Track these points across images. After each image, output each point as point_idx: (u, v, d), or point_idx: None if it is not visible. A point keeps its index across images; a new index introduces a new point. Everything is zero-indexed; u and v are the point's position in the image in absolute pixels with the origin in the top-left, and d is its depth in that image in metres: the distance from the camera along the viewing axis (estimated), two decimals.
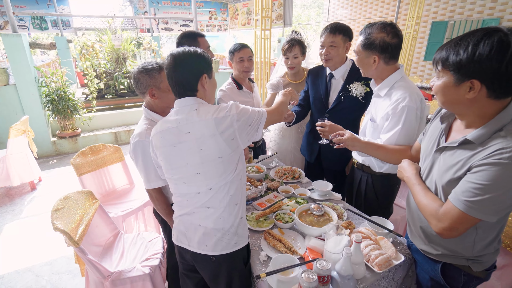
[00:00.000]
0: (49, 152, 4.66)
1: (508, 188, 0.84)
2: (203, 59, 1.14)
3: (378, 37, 1.39)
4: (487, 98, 0.88)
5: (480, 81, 0.85)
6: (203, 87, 1.15)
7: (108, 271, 1.59)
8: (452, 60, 0.88)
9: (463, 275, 1.10)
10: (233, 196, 1.16)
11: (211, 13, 14.05)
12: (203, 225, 1.17)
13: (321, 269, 1.08)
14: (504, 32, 0.81)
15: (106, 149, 2.45)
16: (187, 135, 1.09)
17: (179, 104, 1.15)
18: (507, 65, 0.80)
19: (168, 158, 1.15)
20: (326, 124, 1.55)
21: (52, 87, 4.45)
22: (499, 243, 1.08)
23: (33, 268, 2.31)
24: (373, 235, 1.35)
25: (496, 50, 0.80)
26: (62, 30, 8.67)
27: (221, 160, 1.10)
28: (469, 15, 7.22)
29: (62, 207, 1.56)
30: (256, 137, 1.18)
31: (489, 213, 0.88)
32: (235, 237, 1.19)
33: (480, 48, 0.83)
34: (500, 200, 0.85)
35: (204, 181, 1.12)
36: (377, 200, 1.65)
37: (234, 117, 1.08)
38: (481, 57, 0.82)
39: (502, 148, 0.84)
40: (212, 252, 1.18)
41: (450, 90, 0.93)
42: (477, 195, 0.87)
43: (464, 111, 0.96)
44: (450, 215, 0.93)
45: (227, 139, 1.08)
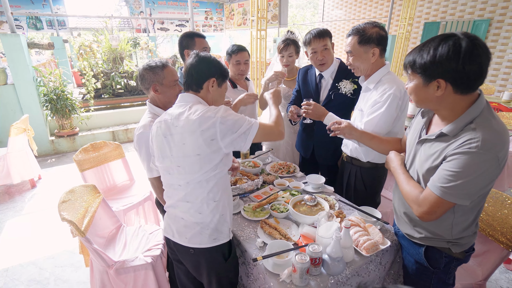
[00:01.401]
0: (48, 151, 4.71)
1: (477, 174, 0.94)
2: (220, 68, 1.25)
3: (373, 31, 1.52)
4: (455, 94, 0.99)
5: (444, 79, 0.96)
6: (208, 89, 1.23)
7: (112, 260, 1.67)
8: (418, 63, 1.00)
9: (444, 256, 1.20)
10: (211, 192, 1.21)
11: (206, 13, 14.10)
12: (184, 218, 1.25)
13: (313, 251, 1.18)
14: (458, 37, 0.93)
15: (107, 146, 2.52)
16: (175, 129, 1.17)
17: (181, 98, 1.24)
18: (463, 64, 0.91)
19: (159, 147, 1.23)
20: (311, 103, 1.66)
21: (50, 86, 4.49)
22: (476, 227, 1.18)
23: (36, 262, 2.37)
24: (362, 223, 1.46)
25: (452, 52, 0.91)
26: (58, 30, 8.66)
27: (199, 158, 1.14)
28: (460, 16, 7.40)
29: (68, 199, 1.64)
30: (243, 147, 1.18)
31: (462, 197, 0.98)
32: (215, 233, 1.25)
33: (439, 51, 0.94)
34: (470, 185, 0.96)
35: (184, 174, 1.19)
36: (366, 191, 1.76)
37: (218, 119, 1.11)
38: (441, 58, 0.93)
39: (471, 139, 0.94)
40: (191, 244, 1.24)
41: (421, 90, 1.04)
42: (451, 181, 0.97)
43: (436, 107, 1.06)
44: (428, 200, 1.04)
45: (207, 139, 1.12)
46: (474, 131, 0.95)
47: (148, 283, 1.72)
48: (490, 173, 0.95)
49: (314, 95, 2.02)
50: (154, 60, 1.48)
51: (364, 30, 1.53)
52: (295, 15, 20.35)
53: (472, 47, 0.91)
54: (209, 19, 14.24)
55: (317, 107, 1.66)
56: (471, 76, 0.93)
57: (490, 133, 0.94)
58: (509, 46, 6.62)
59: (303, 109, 1.70)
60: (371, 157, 1.71)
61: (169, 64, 1.56)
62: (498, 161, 0.93)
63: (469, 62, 0.91)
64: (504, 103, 4.38)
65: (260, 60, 5.29)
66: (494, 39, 6.85)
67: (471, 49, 0.91)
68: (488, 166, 0.93)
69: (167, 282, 1.86)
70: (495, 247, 1.56)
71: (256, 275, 1.34)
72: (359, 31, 1.54)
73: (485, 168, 0.93)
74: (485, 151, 0.92)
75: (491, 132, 0.94)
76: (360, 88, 1.75)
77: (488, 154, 0.92)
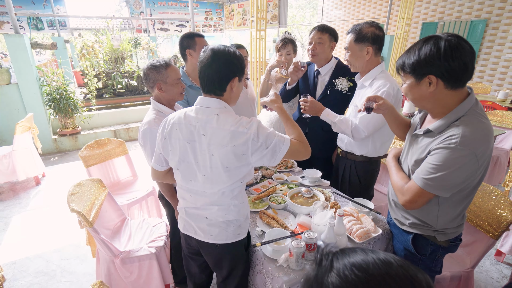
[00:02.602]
0: (50, 149, 4.78)
1: (454, 168, 1.02)
2: (240, 62, 1.14)
3: (369, 31, 1.61)
4: (446, 90, 1.06)
5: (434, 75, 1.03)
6: (232, 89, 1.16)
7: (118, 250, 1.75)
8: (407, 64, 1.09)
9: (430, 244, 1.28)
10: (237, 197, 1.25)
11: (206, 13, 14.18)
12: (209, 218, 1.25)
13: (308, 238, 1.26)
14: (439, 37, 1.01)
15: (111, 143, 2.60)
16: (202, 137, 1.12)
17: (202, 103, 1.16)
18: (446, 60, 0.99)
19: (180, 151, 1.18)
20: (308, 100, 1.75)
21: (53, 86, 4.57)
22: (462, 219, 1.25)
23: (43, 255, 2.45)
24: (355, 213, 1.54)
25: (435, 50, 1.00)
26: (59, 30, 8.74)
27: (228, 170, 1.13)
28: (458, 16, 7.48)
29: (76, 192, 1.72)
30: (271, 163, 1.15)
31: (441, 189, 1.07)
32: (239, 229, 1.29)
33: (422, 50, 1.03)
34: (449, 178, 1.04)
35: (210, 184, 1.18)
36: (360, 184, 1.84)
37: (251, 136, 1.08)
38: (426, 56, 1.02)
39: (452, 135, 1.03)
40: (217, 241, 1.27)
41: (414, 89, 1.11)
42: (431, 174, 1.06)
43: (431, 105, 1.13)
44: (411, 190, 1.13)
45: (237, 153, 1.09)
46: (457, 128, 1.03)
47: (152, 272, 1.81)
48: (468, 168, 1.02)
49: (311, 89, 2.10)
50: (158, 60, 1.56)
51: (361, 29, 1.62)
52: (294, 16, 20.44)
53: (452, 45, 0.99)
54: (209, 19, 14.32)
55: (314, 103, 1.74)
56: (457, 71, 1.01)
57: (471, 131, 1.01)
58: (506, 46, 6.70)
59: (301, 105, 1.77)
60: (365, 151, 1.79)
61: (172, 63, 1.63)
62: (476, 157, 1.00)
63: (452, 59, 0.99)
64: (499, 102, 4.46)
65: (259, 60, 5.37)
66: (491, 39, 6.94)
67: (451, 47, 0.99)
68: (465, 161, 1.00)
69: (170, 272, 1.94)
70: (483, 237, 1.64)
71: (255, 261, 1.42)
72: (356, 29, 1.63)
73: (462, 162, 1.01)
74: (463, 147, 0.99)
75: (472, 130, 1.01)
76: (356, 86, 1.84)
77: (466, 150, 0.99)
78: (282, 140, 1.14)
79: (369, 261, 0.50)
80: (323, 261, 0.53)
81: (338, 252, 0.54)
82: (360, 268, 0.49)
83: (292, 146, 1.16)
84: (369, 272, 0.49)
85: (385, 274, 0.49)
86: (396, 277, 0.48)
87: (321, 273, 0.51)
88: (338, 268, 0.50)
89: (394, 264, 0.50)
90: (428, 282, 0.50)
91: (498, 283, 2.11)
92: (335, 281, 0.48)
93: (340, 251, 0.55)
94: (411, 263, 0.52)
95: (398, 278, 0.48)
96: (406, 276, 0.49)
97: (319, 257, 0.55)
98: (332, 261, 0.52)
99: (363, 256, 0.52)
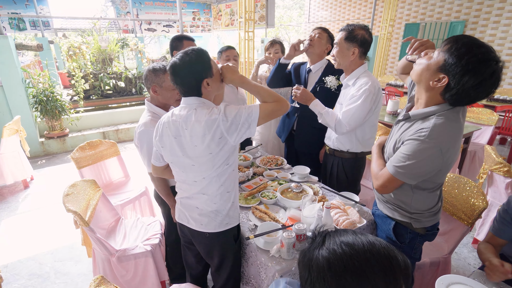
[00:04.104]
0: (38, 152, 4.71)
1: (422, 158, 1.12)
2: (202, 64, 1.20)
3: (359, 32, 1.71)
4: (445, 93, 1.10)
5: (447, 77, 1.06)
6: (206, 89, 1.24)
7: (114, 249, 1.79)
8: (446, 61, 1.06)
9: (409, 232, 1.39)
10: (224, 185, 1.32)
11: (194, 13, 14.13)
12: (199, 207, 1.36)
13: (298, 229, 1.34)
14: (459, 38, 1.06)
15: (103, 144, 2.62)
16: (185, 131, 1.24)
17: (185, 101, 1.29)
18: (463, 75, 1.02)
19: (169, 147, 1.31)
20: (301, 88, 1.84)
21: (40, 88, 4.51)
22: (435, 209, 1.35)
23: (35, 257, 2.45)
24: (342, 205, 1.64)
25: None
26: (43, 31, 8.55)
27: (212, 156, 1.23)
28: (438, 18, 7.77)
29: (71, 193, 1.75)
30: (249, 133, 1.22)
31: (408, 177, 1.18)
32: (227, 218, 1.37)
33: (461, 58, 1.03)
34: (415, 167, 1.14)
35: (199, 172, 1.28)
36: (347, 179, 1.95)
37: (221, 117, 1.17)
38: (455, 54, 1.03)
39: (423, 128, 1.13)
40: (206, 230, 1.37)
41: (427, 72, 1.10)
42: (401, 162, 1.17)
43: (426, 95, 1.15)
44: (383, 176, 1.25)
45: (215, 138, 1.19)
46: (429, 122, 1.13)
47: (148, 269, 1.86)
48: (433, 160, 1.12)
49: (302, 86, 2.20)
50: (160, 63, 1.60)
51: (353, 29, 1.72)
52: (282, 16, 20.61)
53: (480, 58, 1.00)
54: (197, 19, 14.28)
55: (305, 92, 1.83)
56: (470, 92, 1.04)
57: (441, 127, 1.10)
58: None
59: (293, 92, 1.87)
60: (349, 146, 1.90)
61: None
62: (440, 151, 1.10)
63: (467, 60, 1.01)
64: None
65: (248, 60, 5.45)
66: None
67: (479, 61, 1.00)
68: (430, 153, 1.11)
69: (165, 268, 1.99)
70: (458, 225, 1.77)
71: (248, 253, 1.50)
72: (348, 29, 1.73)
73: (427, 154, 1.11)
74: (430, 140, 1.10)
75: (443, 126, 1.10)
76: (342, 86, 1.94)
77: (431, 143, 1.10)
78: (251, 110, 1.19)
79: (356, 240, 0.60)
80: (317, 237, 0.62)
81: (331, 231, 0.63)
82: (347, 244, 0.58)
83: (264, 109, 1.19)
84: (354, 248, 0.58)
85: (368, 251, 0.58)
86: (377, 254, 0.57)
87: (313, 247, 0.60)
88: (328, 244, 0.59)
89: (378, 245, 0.59)
90: (407, 264, 0.59)
91: (474, 268, 2.26)
92: (324, 253, 0.57)
93: (333, 231, 0.64)
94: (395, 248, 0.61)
95: (379, 256, 0.57)
96: (386, 256, 0.58)
97: (313, 235, 0.64)
98: (325, 238, 0.61)
99: (353, 236, 0.61)
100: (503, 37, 6.65)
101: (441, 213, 1.39)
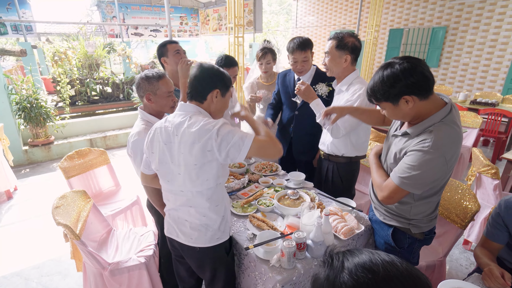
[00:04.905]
0: (21, 161, 4.54)
1: (426, 168, 1.14)
2: (222, 78, 1.27)
3: (349, 40, 1.73)
4: (421, 101, 1.16)
5: (407, 94, 1.14)
6: (212, 99, 1.26)
7: (106, 262, 1.72)
8: (379, 94, 1.20)
9: (408, 237, 1.41)
10: (212, 199, 1.29)
11: (181, 18, 14.08)
12: (188, 220, 1.32)
13: (298, 237, 1.33)
14: (391, 63, 1.16)
15: (92, 152, 2.55)
16: (175, 138, 1.22)
17: (182, 108, 1.27)
18: (408, 78, 1.12)
19: (159, 153, 1.28)
20: (305, 83, 1.82)
21: (23, 94, 4.36)
22: (433, 214, 1.37)
23: (21, 273, 2.34)
24: (339, 211, 1.64)
25: (396, 74, 1.13)
26: (25, 35, 8.30)
27: (196, 167, 1.20)
28: (421, 24, 8.03)
29: (61, 205, 1.68)
30: (238, 158, 1.19)
31: (415, 187, 1.19)
32: (218, 233, 1.34)
33: (385, 78, 1.16)
34: (421, 177, 1.15)
35: (184, 181, 1.25)
36: (342, 183, 1.96)
37: (215, 131, 1.16)
38: (391, 82, 1.15)
39: (425, 139, 1.14)
40: (197, 244, 1.33)
41: (396, 111, 1.21)
42: (406, 173, 1.17)
43: (413, 117, 1.23)
44: (388, 187, 1.25)
45: (204, 150, 1.17)
46: (430, 133, 1.15)
47: (142, 282, 1.80)
48: (438, 169, 1.15)
49: (292, 96, 2.20)
50: (152, 70, 1.57)
51: (343, 37, 1.73)
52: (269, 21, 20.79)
53: (405, 66, 1.12)
54: (184, 24, 14.23)
55: (309, 88, 1.82)
56: (421, 83, 1.13)
57: (442, 137, 1.13)
58: (464, 51, 7.28)
59: (296, 87, 1.85)
60: (345, 151, 1.92)
61: (167, 76, 1.63)
62: (445, 160, 1.13)
63: (412, 76, 1.11)
64: (460, 103, 4.85)
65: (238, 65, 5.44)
66: (450, 45, 7.50)
67: (406, 68, 1.12)
68: (436, 163, 1.13)
69: (159, 280, 1.93)
70: (452, 228, 1.81)
71: (247, 264, 1.47)
72: (338, 37, 1.75)
73: (433, 164, 1.13)
74: (434, 150, 1.12)
75: (443, 136, 1.13)
76: (333, 91, 1.96)
77: (436, 153, 1.12)
78: (245, 135, 1.18)
79: (378, 262, 0.55)
80: (334, 261, 0.57)
81: (347, 252, 0.59)
82: (370, 269, 0.54)
83: (258, 141, 1.19)
84: (380, 274, 0.54)
85: (393, 276, 0.54)
86: (401, 277, 0.54)
87: (332, 274, 0.55)
88: (350, 269, 0.54)
89: (400, 266, 0.56)
90: (427, 281, 0.57)
91: (466, 269, 2.31)
92: (348, 282, 0.53)
93: (348, 252, 0.60)
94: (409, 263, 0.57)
95: (403, 279, 0.54)
96: (410, 277, 0.55)
97: (329, 258, 0.59)
98: (343, 262, 0.56)
99: (370, 256, 0.56)
100: (482, 42, 6.92)
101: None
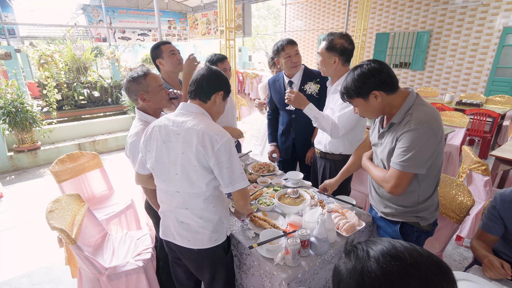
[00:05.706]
0: (6, 167, 4.37)
1: (421, 145, 1.20)
2: (227, 82, 1.34)
3: (338, 42, 1.75)
4: (388, 95, 1.28)
5: (375, 89, 1.26)
6: (215, 100, 1.29)
7: (103, 267, 1.67)
8: (351, 91, 1.32)
9: (415, 231, 1.43)
10: (208, 200, 1.28)
11: (170, 22, 14.01)
12: (184, 222, 1.30)
13: (302, 235, 1.33)
14: (361, 65, 1.29)
15: (84, 156, 2.48)
16: (176, 136, 1.21)
17: (184, 107, 1.27)
18: (375, 76, 1.25)
19: (156, 151, 1.26)
20: (294, 91, 1.85)
21: (8, 98, 4.22)
22: (436, 199, 1.42)
23: (10, 282, 2.24)
24: (340, 209, 1.65)
25: (366, 73, 1.26)
26: (8, 39, 8.05)
27: (196, 169, 1.19)
28: (406, 28, 8.27)
29: (55, 209, 1.63)
30: (226, 185, 1.22)
31: (417, 167, 1.23)
32: (215, 234, 1.32)
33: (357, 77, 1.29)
34: (419, 154, 1.21)
35: (181, 182, 1.23)
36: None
37: (219, 145, 1.16)
38: (361, 79, 1.27)
39: (409, 120, 1.24)
40: (194, 246, 1.31)
41: (367, 106, 1.32)
42: (404, 155, 1.23)
43: (384, 111, 1.35)
44: (393, 176, 1.27)
45: (200, 152, 1.17)
46: (411, 115, 1.25)
47: (140, 286, 1.75)
48: (431, 143, 1.21)
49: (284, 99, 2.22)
50: (135, 71, 1.54)
51: (333, 39, 1.76)
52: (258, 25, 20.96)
53: (372, 66, 1.26)
54: (173, 28, 14.17)
55: (299, 96, 1.83)
56: (387, 80, 1.25)
57: (422, 113, 1.22)
58: (447, 54, 7.54)
59: (286, 97, 1.86)
60: (342, 149, 1.95)
61: (150, 70, 1.62)
62: (433, 132, 1.20)
63: (379, 74, 1.24)
64: (447, 104, 5.00)
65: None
66: (435, 48, 7.75)
67: (374, 68, 1.26)
68: (427, 137, 1.20)
69: (157, 284, 1.89)
70: (448, 223, 1.85)
71: (250, 263, 1.46)
72: (329, 39, 1.78)
73: (425, 139, 1.20)
74: (421, 125, 1.20)
75: (422, 112, 1.23)
76: (323, 87, 2.04)
77: (423, 127, 1.20)
78: (244, 175, 1.25)
79: (402, 249, 0.55)
80: (359, 251, 0.57)
81: (369, 242, 0.59)
82: (397, 257, 0.54)
83: (244, 192, 1.28)
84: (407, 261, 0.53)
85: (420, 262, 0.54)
86: (427, 262, 0.53)
87: (359, 263, 0.55)
88: (376, 257, 0.54)
89: (423, 252, 0.55)
90: (448, 266, 0.57)
91: (460, 264, 2.36)
92: (376, 270, 0.53)
93: (369, 241, 0.60)
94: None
95: (429, 264, 0.53)
96: (434, 262, 0.55)
97: (353, 248, 0.59)
98: (368, 252, 0.56)
99: (393, 244, 0.57)
100: (464, 46, 7.18)
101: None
